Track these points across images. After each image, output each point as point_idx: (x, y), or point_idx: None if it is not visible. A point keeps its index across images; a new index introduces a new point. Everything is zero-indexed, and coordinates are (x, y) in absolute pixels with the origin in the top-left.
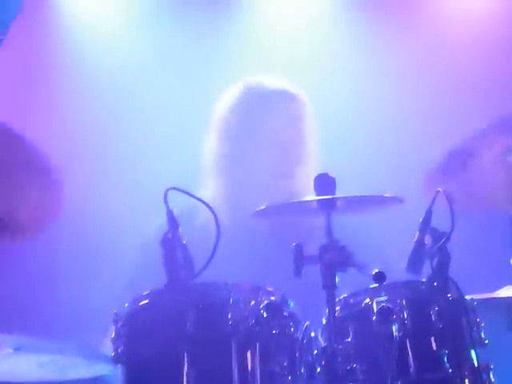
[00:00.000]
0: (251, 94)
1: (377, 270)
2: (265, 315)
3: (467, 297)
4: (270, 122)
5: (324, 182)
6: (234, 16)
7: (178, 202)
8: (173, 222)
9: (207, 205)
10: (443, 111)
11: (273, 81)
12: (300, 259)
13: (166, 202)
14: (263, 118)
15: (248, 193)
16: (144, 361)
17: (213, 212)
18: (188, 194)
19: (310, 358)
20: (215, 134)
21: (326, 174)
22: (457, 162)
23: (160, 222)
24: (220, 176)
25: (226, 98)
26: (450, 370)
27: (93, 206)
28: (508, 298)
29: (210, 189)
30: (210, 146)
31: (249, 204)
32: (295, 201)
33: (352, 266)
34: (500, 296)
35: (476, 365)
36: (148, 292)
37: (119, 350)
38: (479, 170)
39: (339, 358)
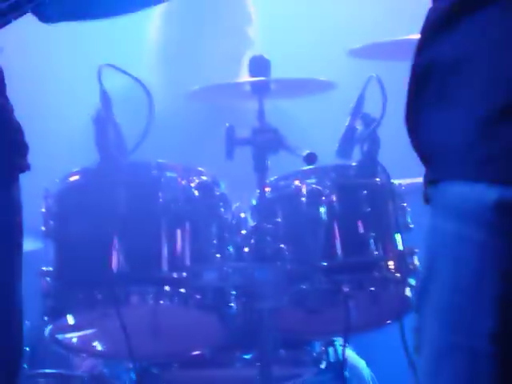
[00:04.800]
0: None
1: (308, 151)
2: (196, 194)
3: (395, 182)
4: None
5: (258, 64)
6: None
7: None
8: (106, 100)
9: (141, 83)
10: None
11: None
12: (232, 141)
13: (99, 79)
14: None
15: (193, 77)
16: (74, 237)
17: (146, 91)
18: (123, 71)
19: (238, 239)
20: (160, 19)
21: (261, 56)
22: None
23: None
24: (165, 60)
25: None
26: (376, 253)
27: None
28: None
29: (152, 72)
30: (155, 30)
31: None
32: (228, 82)
33: (283, 149)
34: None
35: (401, 248)
36: (79, 169)
37: (49, 226)
38: None
39: (268, 238)
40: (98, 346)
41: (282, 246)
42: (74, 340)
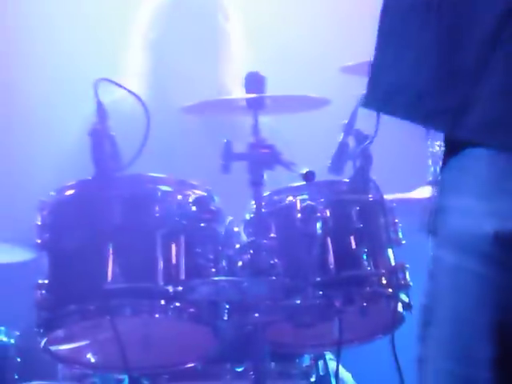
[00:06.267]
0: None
1: (307, 169)
2: (193, 209)
3: (386, 198)
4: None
5: (254, 81)
6: None
7: (106, 95)
8: (102, 113)
9: (139, 97)
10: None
11: None
12: (229, 156)
13: (96, 92)
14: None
15: (176, 88)
16: (69, 250)
17: (143, 104)
18: (119, 85)
19: (231, 252)
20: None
21: (257, 72)
22: None
23: (88, 113)
24: (147, 74)
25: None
26: (368, 268)
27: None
28: (420, 198)
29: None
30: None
31: (177, 99)
32: (225, 98)
33: (279, 164)
34: (414, 197)
35: (393, 264)
36: (75, 182)
37: (44, 238)
38: None
39: (262, 252)
40: (90, 357)
41: (276, 260)
42: (68, 351)
